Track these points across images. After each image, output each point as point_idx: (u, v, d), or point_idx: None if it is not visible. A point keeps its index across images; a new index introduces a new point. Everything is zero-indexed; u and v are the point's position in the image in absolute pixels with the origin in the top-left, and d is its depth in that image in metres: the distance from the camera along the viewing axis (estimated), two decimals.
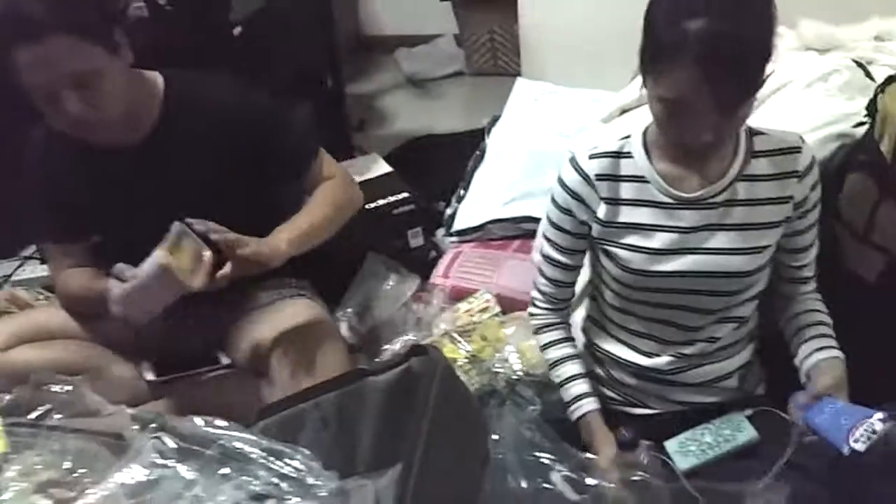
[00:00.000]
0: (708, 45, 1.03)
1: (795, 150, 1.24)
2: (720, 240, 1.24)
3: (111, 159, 1.50)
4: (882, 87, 1.40)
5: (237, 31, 2.05)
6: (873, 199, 1.37)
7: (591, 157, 1.29)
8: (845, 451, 1.12)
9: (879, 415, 1.13)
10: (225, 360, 1.62)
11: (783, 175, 1.23)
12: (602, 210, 1.28)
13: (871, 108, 1.41)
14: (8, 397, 1.37)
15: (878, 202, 1.36)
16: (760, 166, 1.23)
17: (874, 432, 1.11)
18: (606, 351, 1.40)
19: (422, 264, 2.16)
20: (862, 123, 1.48)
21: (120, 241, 1.61)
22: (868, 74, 1.66)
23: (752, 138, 1.25)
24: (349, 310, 1.93)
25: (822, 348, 1.27)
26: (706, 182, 1.23)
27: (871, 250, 1.37)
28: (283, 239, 1.45)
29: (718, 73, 1.04)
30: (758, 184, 1.23)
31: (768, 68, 1.09)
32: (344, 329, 1.87)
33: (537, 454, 1.17)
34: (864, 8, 1.85)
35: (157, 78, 1.53)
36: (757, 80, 1.09)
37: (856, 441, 1.11)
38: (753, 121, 1.25)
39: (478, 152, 2.46)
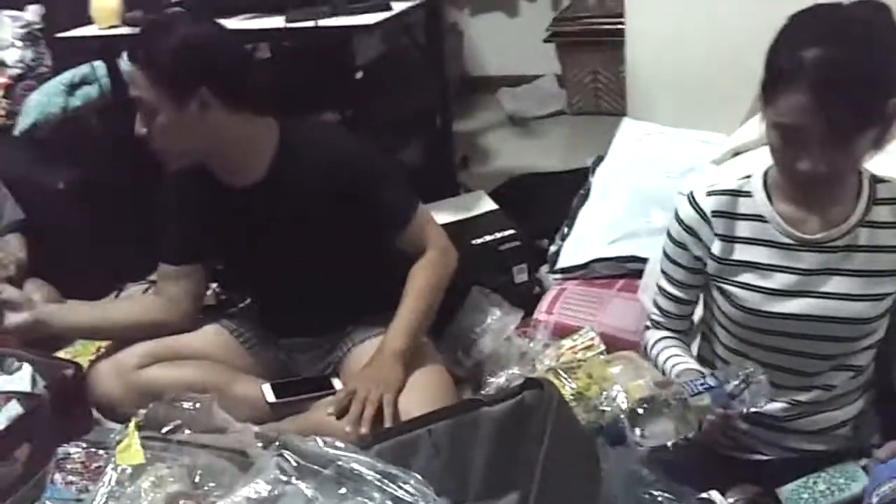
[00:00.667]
0: (823, 72, 1.05)
1: None
2: (839, 284, 1.23)
3: (228, 197, 1.64)
4: None
5: (359, 75, 2.17)
6: None
7: (709, 193, 1.31)
8: (865, 500, 1.18)
9: None
10: (338, 385, 1.70)
11: None
12: (717, 247, 1.30)
13: None
14: (144, 412, 1.48)
15: None
16: (883, 213, 1.23)
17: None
18: None
19: (526, 300, 2.19)
20: None
21: (232, 272, 1.75)
22: None
23: (875, 185, 1.24)
24: (454, 344, 1.98)
25: None
26: (827, 225, 1.23)
27: None
28: (397, 350, 1.59)
29: (832, 100, 1.05)
30: (880, 231, 1.22)
31: (892, 104, 1.09)
32: (449, 361, 1.91)
33: (653, 492, 1.18)
34: None
35: (273, 126, 1.64)
36: (874, 112, 1.08)
37: (877, 495, 1.16)
38: (879, 166, 1.25)
39: (582, 191, 2.49)
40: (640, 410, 1.17)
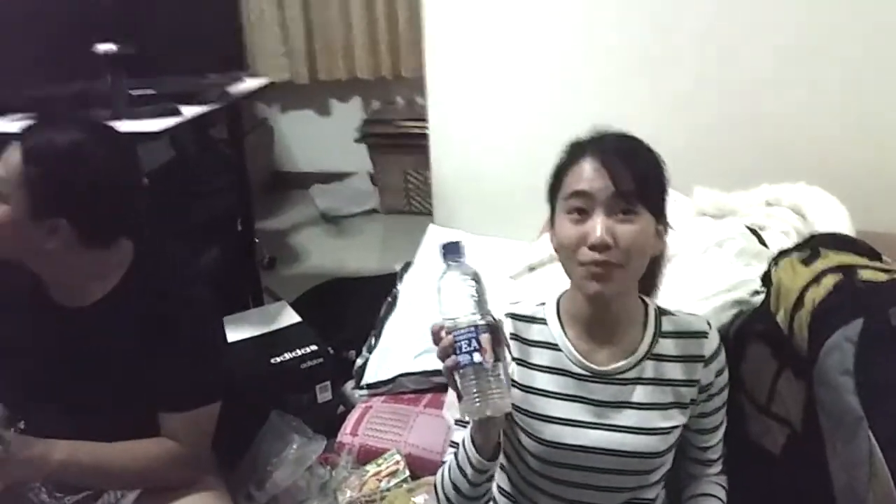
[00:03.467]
0: (603, 145, 1.18)
1: (702, 334, 1.25)
2: (630, 417, 1.22)
3: (49, 314, 1.46)
4: (775, 261, 1.45)
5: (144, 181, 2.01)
6: (773, 369, 1.39)
7: (507, 315, 1.29)
8: None
9: None
10: None
11: (689, 358, 1.24)
12: (516, 372, 1.26)
13: (766, 280, 1.46)
14: None
15: (777, 373, 1.38)
16: (667, 347, 1.24)
17: None
18: None
19: (330, 420, 2.08)
20: (758, 292, 1.53)
21: (23, 392, 1.51)
22: (761, 240, 1.74)
23: (660, 318, 1.26)
24: (248, 475, 1.82)
25: None
26: (616, 357, 1.23)
27: (773, 421, 1.38)
28: (58, 454, 1.37)
29: (613, 163, 1.14)
30: (665, 364, 1.24)
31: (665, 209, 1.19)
32: (240, 498, 1.75)
33: None
34: (754, 175, 1.97)
35: (127, 249, 1.48)
36: (651, 187, 1.16)
37: None
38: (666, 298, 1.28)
39: (390, 299, 2.44)
40: None
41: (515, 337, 1.27)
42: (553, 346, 1.26)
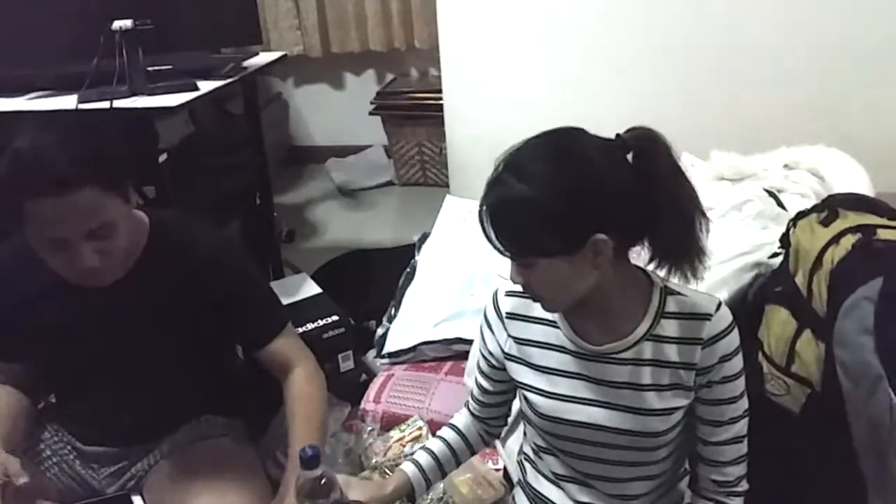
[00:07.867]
0: (485, 201, 1.11)
1: (705, 317, 1.17)
2: (626, 397, 1.20)
3: (81, 294, 1.45)
4: (793, 222, 1.45)
5: (163, 157, 2.04)
6: (792, 330, 1.40)
7: (507, 294, 1.30)
8: None
9: None
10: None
11: (687, 340, 1.18)
12: (512, 348, 1.29)
13: (785, 241, 1.47)
14: None
15: (796, 333, 1.39)
16: (669, 328, 1.19)
17: None
18: (538, 491, 1.37)
19: (352, 389, 2.11)
20: (777, 254, 1.53)
21: (62, 370, 1.54)
22: (779, 203, 1.74)
23: (665, 298, 1.20)
24: (276, 441, 1.85)
25: None
26: (611, 337, 1.20)
27: (793, 382, 1.40)
28: None
29: (488, 222, 1.10)
30: (664, 345, 1.19)
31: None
32: (270, 464, 1.79)
33: None
34: (772, 138, 1.97)
35: (144, 219, 1.51)
36: (521, 238, 1.09)
37: None
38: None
39: (408, 270, 2.46)
40: None
41: (512, 315, 1.29)
42: (552, 324, 1.25)
